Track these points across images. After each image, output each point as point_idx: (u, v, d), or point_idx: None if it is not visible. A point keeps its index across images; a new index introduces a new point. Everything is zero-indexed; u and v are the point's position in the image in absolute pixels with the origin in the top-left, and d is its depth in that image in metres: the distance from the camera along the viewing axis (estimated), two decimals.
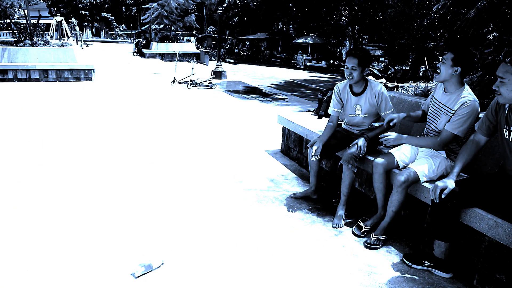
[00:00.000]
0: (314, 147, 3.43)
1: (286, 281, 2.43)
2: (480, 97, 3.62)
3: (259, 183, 4.05)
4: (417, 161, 2.91)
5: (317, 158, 3.46)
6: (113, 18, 61.39)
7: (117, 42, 53.52)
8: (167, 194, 3.67)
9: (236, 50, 35.02)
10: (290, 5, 28.36)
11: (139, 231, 2.96)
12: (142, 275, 2.41)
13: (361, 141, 3.25)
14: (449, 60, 2.72)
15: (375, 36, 24.71)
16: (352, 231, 3.09)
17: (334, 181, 4.04)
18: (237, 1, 31.25)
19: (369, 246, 2.89)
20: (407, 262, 2.67)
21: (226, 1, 31.12)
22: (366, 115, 3.44)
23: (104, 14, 60.50)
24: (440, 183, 2.45)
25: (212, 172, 4.30)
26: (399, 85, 4.62)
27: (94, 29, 66.38)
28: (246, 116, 7.66)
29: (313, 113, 5.31)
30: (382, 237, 2.94)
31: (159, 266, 2.51)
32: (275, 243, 2.88)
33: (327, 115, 4.88)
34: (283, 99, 11.47)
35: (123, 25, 66.27)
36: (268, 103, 10.35)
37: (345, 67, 3.32)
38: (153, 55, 23.94)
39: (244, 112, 8.10)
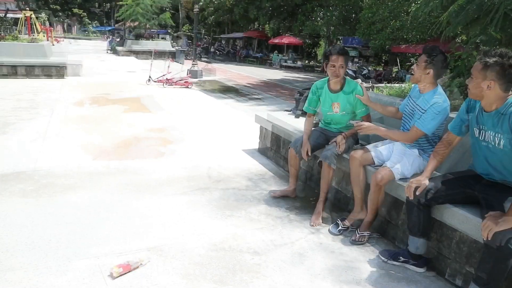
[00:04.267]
0: (305, 148, 3.43)
1: (264, 279, 2.45)
2: (450, 98, 3.75)
3: (237, 182, 4.06)
4: (392, 159, 2.99)
5: (309, 158, 3.48)
6: (85, 14, 59.79)
7: (90, 39, 52.18)
8: (143, 193, 3.62)
9: (212, 49, 34.89)
10: (267, 5, 28.39)
11: (116, 231, 2.91)
12: (120, 275, 2.38)
13: (339, 138, 3.33)
14: (422, 62, 2.81)
15: (350, 37, 25.06)
16: (329, 229, 3.14)
17: (311, 179, 4.09)
18: (214, 0, 31.05)
19: (355, 242, 2.96)
20: (383, 258, 2.74)
21: (202, 0, 30.88)
22: (344, 112, 3.50)
23: (76, 10, 58.86)
24: (414, 181, 2.54)
25: (190, 171, 4.27)
26: (374, 85, 4.71)
27: (65, 25, 64.58)
28: (222, 115, 7.64)
29: (290, 112, 5.34)
30: (367, 233, 3.02)
31: (137, 267, 2.48)
32: (253, 241, 2.89)
33: (304, 115, 4.93)
34: (259, 98, 11.53)
35: (96, 21, 64.73)
36: (244, 102, 10.38)
37: (331, 65, 3.33)
38: (127, 53, 23.49)
39: (221, 111, 8.08)
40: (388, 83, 7.80)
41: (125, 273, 2.40)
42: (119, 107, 7.65)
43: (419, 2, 4.80)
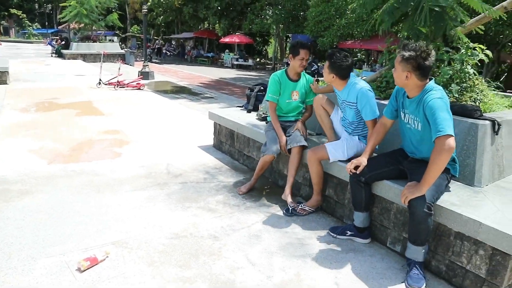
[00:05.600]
0: (284, 142, 3.64)
1: (225, 260, 2.65)
2: (387, 87, 4.13)
3: (196, 176, 4.22)
4: (333, 142, 3.36)
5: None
6: (24, 15, 56.49)
7: (31, 42, 49.47)
8: (103, 192, 3.69)
9: (164, 50, 34.41)
10: (216, 4, 28.43)
11: (80, 229, 2.99)
12: (88, 268, 2.48)
13: (300, 125, 3.71)
14: (326, 68, 3.23)
15: (299, 34, 25.68)
16: (283, 212, 3.40)
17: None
18: (162, 0, 30.56)
19: (294, 211, 3.34)
20: (332, 234, 3.03)
21: (150, 0, 30.34)
22: (301, 100, 3.91)
23: (13, 10, 55.43)
24: (354, 161, 2.86)
25: (148, 169, 4.37)
26: (319, 79, 5.04)
27: (1, 28, 60.79)
28: (176, 115, 7.73)
29: (242, 108, 5.56)
30: (309, 208, 3.38)
31: (104, 259, 2.60)
32: (213, 228, 3.08)
33: (255, 109, 5.17)
34: (212, 97, 11.68)
35: (36, 23, 61.49)
36: (197, 102, 10.49)
37: (300, 58, 3.68)
38: (74, 56, 22.64)
39: (174, 111, 8.16)
40: None
41: (93, 266, 2.51)
42: (71, 111, 7.51)
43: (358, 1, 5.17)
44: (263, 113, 4.73)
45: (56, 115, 7.05)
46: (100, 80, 11.05)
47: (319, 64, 23.25)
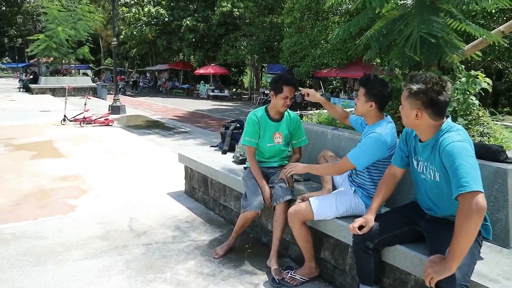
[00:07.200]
0: (268, 196, 2.97)
1: None
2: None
3: (163, 234, 3.52)
4: (321, 196, 2.76)
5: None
6: None
7: (0, 77, 48.05)
8: (44, 264, 2.95)
9: (140, 83, 33.82)
10: (190, 36, 28.20)
11: None
12: None
13: (284, 175, 2.98)
14: (361, 95, 2.58)
15: (274, 64, 25.56)
16: (270, 281, 2.74)
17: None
18: (135, 33, 30.13)
19: (282, 281, 2.69)
20: None
21: (123, 33, 29.86)
22: (285, 142, 3.27)
23: None
24: (360, 219, 2.25)
25: (105, 226, 3.65)
26: (303, 113, 4.51)
27: None
28: (145, 154, 7.01)
29: (216, 148, 4.91)
30: (301, 277, 2.71)
31: None
32: None
33: (232, 150, 4.54)
34: (186, 131, 11.02)
35: (6, 57, 60.07)
36: (170, 137, 9.81)
37: (284, 96, 3.08)
38: (42, 91, 21.74)
39: (143, 150, 7.44)
40: (316, 108, 7.79)
41: None
42: (25, 153, 6.70)
43: (336, 28, 4.77)
44: (241, 154, 4.09)
45: (6, 159, 6.23)
46: (64, 116, 10.30)
47: (295, 94, 23.10)
